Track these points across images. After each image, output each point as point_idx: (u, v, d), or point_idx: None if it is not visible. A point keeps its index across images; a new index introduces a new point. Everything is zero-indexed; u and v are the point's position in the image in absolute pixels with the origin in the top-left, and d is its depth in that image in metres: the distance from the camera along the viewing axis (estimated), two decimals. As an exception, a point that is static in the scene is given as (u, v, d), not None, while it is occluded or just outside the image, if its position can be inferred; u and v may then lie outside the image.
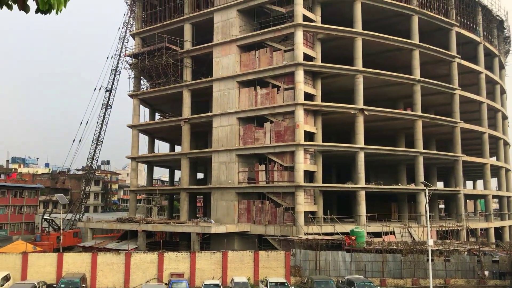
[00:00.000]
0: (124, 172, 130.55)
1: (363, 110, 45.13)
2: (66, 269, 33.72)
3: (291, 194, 42.76)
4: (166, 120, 55.51)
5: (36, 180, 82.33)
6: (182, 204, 52.41)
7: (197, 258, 35.36)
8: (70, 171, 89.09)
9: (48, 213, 62.29)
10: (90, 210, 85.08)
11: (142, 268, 34.54)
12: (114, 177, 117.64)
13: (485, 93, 56.97)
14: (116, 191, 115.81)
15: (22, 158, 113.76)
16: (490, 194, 58.70)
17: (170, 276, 33.89)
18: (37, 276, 32.79)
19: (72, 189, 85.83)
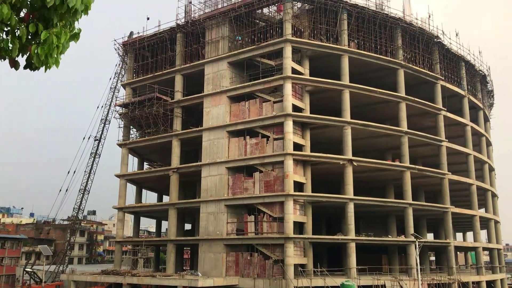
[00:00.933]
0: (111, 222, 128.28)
1: (351, 161, 45.36)
2: (45, 324, 32.22)
3: (281, 246, 42.01)
4: (155, 170, 55.18)
5: (19, 230, 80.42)
6: (169, 256, 51.15)
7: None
8: (55, 221, 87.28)
9: (30, 265, 60.35)
10: (74, 262, 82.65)
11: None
12: (100, 227, 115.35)
13: (471, 145, 57.84)
14: (101, 242, 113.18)
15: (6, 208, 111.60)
16: (480, 247, 58.27)
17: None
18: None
19: (56, 240, 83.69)
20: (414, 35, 52.66)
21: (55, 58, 5.33)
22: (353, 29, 48.71)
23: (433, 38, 54.28)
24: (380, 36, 49.82)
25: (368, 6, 49.05)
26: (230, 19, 48.82)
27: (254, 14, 49.24)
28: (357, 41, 49.64)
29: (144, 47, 56.09)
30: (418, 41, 52.95)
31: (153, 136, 53.18)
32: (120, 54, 59.80)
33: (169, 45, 54.02)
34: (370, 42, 49.60)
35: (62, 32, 5.24)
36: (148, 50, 56.34)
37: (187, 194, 55.92)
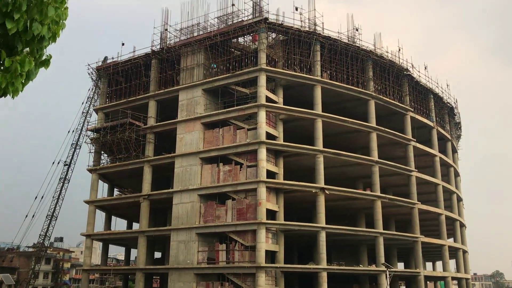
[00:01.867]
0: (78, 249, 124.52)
1: (324, 189, 45.62)
2: None
3: (252, 275, 41.46)
4: (125, 196, 54.18)
5: (-20, 258, 77.06)
6: (137, 285, 49.78)
7: None
8: (19, 248, 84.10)
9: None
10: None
11: None
12: (67, 255, 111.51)
13: (440, 175, 59.05)
14: (68, 270, 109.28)
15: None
16: (449, 276, 58.87)
17: None
18: None
19: (20, 268, 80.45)
20: (385, 68, 54.15)
21: (15, 87, 5.20)
22: (326, 60, 49.76)
23: (403, 70, 55.90)
24: (352, 68, 51.01)
25: (340, 39, 50.33)
26: (205, 47, 49.25)
27: (229, 43, 49.84)
28: (330, 71, 50.67)
29: (118, 72, 55.85)
30: (388, 73, 54.42)
31: (124, 162, 52.42)
32: (94, 78, 59.32)
33: (143, 71, 53.97)
34: (342, 73, 50.70)
35: (26, 60, 5.15)
36: (122, 75, 56.11)
37: (157, 222, 54.94)
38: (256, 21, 46.77)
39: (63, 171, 60.53)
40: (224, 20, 50.33)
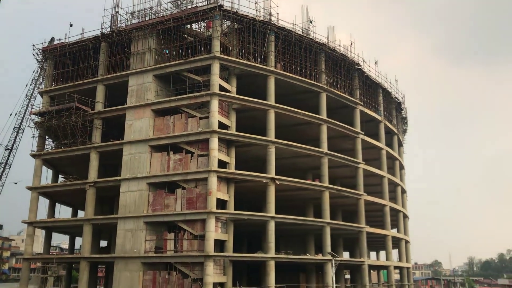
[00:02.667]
0: (19, 238, 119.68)
1: (274, 179, 46.01)
2: None
3: (200, 264, 41.33)
4: (70, 183, 52.30)
5: None
6: (82, 274, 48.38)
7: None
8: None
9: None
10: (-27, 281, 75.70)
11: None
12: (6, 243, 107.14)
13: (386, 168, 61.04)
14: (7, 259, 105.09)
15: None
16: (392, 265, 61.19)
17: None
18: None
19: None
20: (337, 61, 55.05)
21: None
22: (280, 51, 49.93)
23: (354, 65, 57.06)
24: (305, 60, 51.48)
25: (295, 30, 50.63)
26: (157, 31, 48.11)
27: (182, 29, 48.93)
28: (284, 63, 50.90)
29: (65, 54, 53.58)
30: (340, 67, 55.40)
31: (70, 148, 50.57)
32: (39, 60, 56.61)
33: (92, 54, 52.06)
34: (295, 64, 51.08)
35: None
36: (69, 58, 53.88)
37: (104, 210, 53.54)
38: (211, 7, 46.15)
39: (4, 156, 57.73)
40: (178, 5, 49.38)
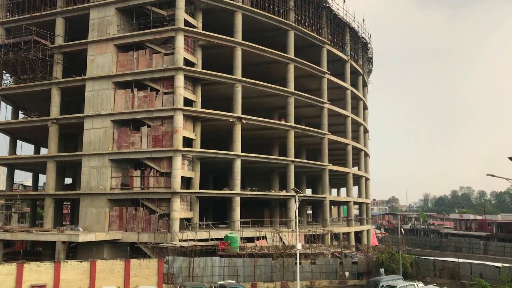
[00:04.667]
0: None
1: (241, 118, 46.24)
2: None
3: (167, 201, 42.05)
4: (31, 120, 50.98)
5: None
6: (47, 211, 48.42)
7: (62, 268, 32.86)
8: None
9: None
10: None
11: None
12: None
13: (350, 108, 62.20)
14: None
15: None
16: (351, 201, 63.97)
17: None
18: None
19: None
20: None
21: None
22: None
23: (322, 2, 56.25)
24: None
25: (263, -36, 48.97)
26: (119, -39, 45.54)
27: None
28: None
29: (19, -18, 50.30)
30: (308, 4, 54.54)
31: (30, 83, 48.80)
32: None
33: (49, -17, 49.08)
34: (263, 1, 49.90)
35: None
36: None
37: (68, 147, 52.84)
38: None
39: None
40: None
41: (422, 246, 75.62)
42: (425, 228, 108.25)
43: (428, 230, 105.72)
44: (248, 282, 36.08)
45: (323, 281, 38.57)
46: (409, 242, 75.58)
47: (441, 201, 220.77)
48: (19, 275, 31.71)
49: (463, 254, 61.11)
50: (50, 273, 32.58)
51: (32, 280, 31.97)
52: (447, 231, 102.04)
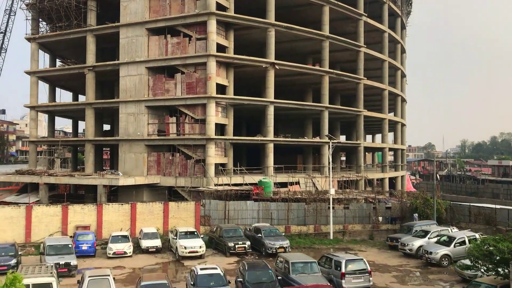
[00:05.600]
0: (23, 122, 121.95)
1: (274, 64, 45.69)
2: (-43, 225, 31.32)
3: (202, 147, 42.86)
4: (68, 67, 52.02)
5: None
6: (87, 156, 50.35)
7: (104, 210, 34.59)
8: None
9: None
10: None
11: (45, 221, 33.11)
12: (11, 127, 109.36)
13: (387, 52, 60.25)
14: (13, 142, 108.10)
15: None
16: (386, 147, 63.39)
17: (76, 229, 32.93)
18: None
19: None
20: None
21: None
22: None
23: None
24: None
25: None
26: None
27: None
28: None
29: None
30: None
31: (65, 31, 49.37)
32: None
33: None
34: None
35: None
36: None
37: (104, 94, 53.96)
38: None
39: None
40: None
41: (458, 192, 74.95)
42: (461, 174, 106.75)
43: (464, 177, 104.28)
44: (282, 225, 37.01)
45: (356, 225, 39.18)
46: (444, 188, 75.01)
47: (479, 147, 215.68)
48: (64, 216, 33.60)
49: (500, 200, 60.35)
50: (93, 215, 34.36)
51: (76, 221, 33.85)
52: (484, 178, 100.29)
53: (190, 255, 29.29)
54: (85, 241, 29.86)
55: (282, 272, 22.52)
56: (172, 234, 32.05)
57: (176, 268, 28.07)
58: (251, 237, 32.32)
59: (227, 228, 32.31)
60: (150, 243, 31.11)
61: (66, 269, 24.55)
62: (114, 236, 30.69)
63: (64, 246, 26.50)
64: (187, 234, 30.80)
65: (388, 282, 24.78)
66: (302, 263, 22.34)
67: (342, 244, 35.52)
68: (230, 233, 31.66)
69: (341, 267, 22.24)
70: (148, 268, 27.57)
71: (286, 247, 30.18)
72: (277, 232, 32.24)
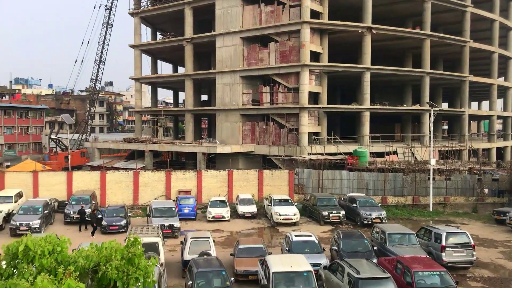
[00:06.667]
0: (128, 93, 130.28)
1: (371, 28, 43.84)
2: (76, 187, 34.77)
3: (295, 116, 42.86)
4: (168, 40, 54.32)
5: (40, 101, 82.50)
6: (187, 125, 52.81)
7: (203, 177, 36.28)
8: (74, 92, 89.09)
9: (54, 133, 63.20)
10: (96, 131, 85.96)
11: (151, 186, 35.59)
12: (118, 98, 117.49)
13: (498, 10, 54.85)
14: (121, 112, 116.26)
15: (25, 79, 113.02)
16: (495, 115, 58.64)
17: (178, 193, 34.99)
18: (48, 193, 33.90)
19: (77, 110, 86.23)
20: None
21: None
22: None
23: None
24: None
25: None
26: None
27: None
28: None
29: None
30: None
31: (164, 5, 51.42)
32: None
33: None
34: None
35: None
36: None
37: (202, 65, 55.75)
38: None
39: (105, 16, 60.42)
40: None
41: None
42: None
43: None
44: (378, 195, 36.16)
45: (458, 197, 37.06)
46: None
47: None
48: (168, 181, 35.80)
49: None
50: (193, 181, 36.20)
51: (178, 186, 35.92)
52: None
53: (284, 221, 29.84)
54: (186, 205, 31.66)
55: (378, 243, 22.15)
56: (266, 201, 32.81)
57: (271, 233, 28.80)
58: (345, 206, 32.06)
59: (321, 197, 32.32)
60: (246, 208, 32.15)
61: (170, 231, 26.25)
62: (213, 201, 32.15)
63: (168, 209, 28.29)
64: (281, 201, 31.34)
65: (493, 258, 23.32)
66: (399, 234, 21.79)
67: (443, 216, 33.91)
68: (324, 202, 31.64)
69: (442, 240, 21.26)
70: (244, 232, 28.59)
71: (382, 217, 29.55)
72: (372, 203, 31.61)
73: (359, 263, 16.94)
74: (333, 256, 21.17)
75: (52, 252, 6.39)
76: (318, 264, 19.06)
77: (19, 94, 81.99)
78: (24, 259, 6.28)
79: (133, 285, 6.52)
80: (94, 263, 6.63)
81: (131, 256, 6.50)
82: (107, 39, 61.01)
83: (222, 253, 22.03)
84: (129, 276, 6.41)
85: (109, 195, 35.10)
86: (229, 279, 16.60)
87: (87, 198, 31.01)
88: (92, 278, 6.60)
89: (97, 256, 6.69)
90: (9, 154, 65.90)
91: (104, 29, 60.73)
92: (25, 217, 26.74)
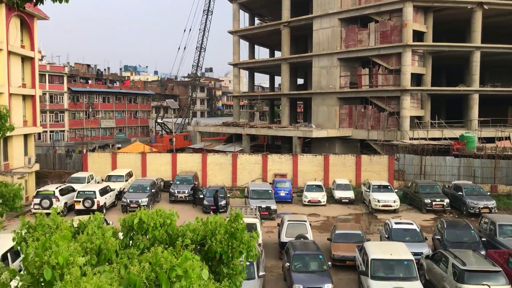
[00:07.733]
0: (226, 79, 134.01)
1: (481, 3, 40.43)
2: (179, 168, 36.78)
3: (396, 99, 41.12)
4: (266, 25, 54.72)
5: (147, 87, 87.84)
6: (283, 109, 53.09)
7: (299, 161, 36.36)
8: (177, 78, 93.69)
9: (160, 117, 67.12)
10: (197, 115, 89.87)
11: (248, 168, 36.48)
12: (217, 83, 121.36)
13: None
14: (220, 97, 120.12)
15: (133, 66, 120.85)
16: None
17: (274, 176, 35.48)
18: (155, 173, 36.26)
19: (180, 96, 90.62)
20: None
21: None
22: None
23: None
24: None
25: None
26: None
27: None
28: None
29: None
30: None
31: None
32: None
33: None
34: None
35: None
36: None
37: (298, 49, 55.46)
38: None
39: (205, 3, 62.33)
40: None
41: None
42: None
43: None
44: (487, 184, 33.66)
45: None
46: None
47: None
48: (264, 164, 36.45)
49: None
50: (289, 164, 36.45)
51: (274, 170, 36.41)
52: None
53: (383, 208, 28.99)
54: (282, 188, 32.02)
55: (486, 234, 20.68)
56: (364, 186, 32.05)
57: (369, 220, 28.16)
58: (449, 194, 30.29)
59: (423, 184, 30.86)
60: (343, 194, 31.72)
61: (267, 212, 26.78)
62: (309, 185, 32.12)
63: (265, 192, 28.86)
64: (380, 187, 30.44)
65: None
66: (511, 226, 20.14)
67: None
68: (427, 189, 30.16)
69: (563, 235, 19.31)
70: (341, 217, 28.28)
71: (492, 207, 27.48)
72: (480, 191, 29.50)
73: (465, 254, 15.99)
74: (436, 246, 20.18)
75: (162, 224, 6.83)
76: (419, 253, 18.30)
77: (128, 80, 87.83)
78: (139, 230, 6.78)
79: (237, 258, 6.77)
80: (201, 237, 6.97)
81: (234, 230, 6.74)
82: (208, 26, 63.04)
83: (319, 237, 22.01)
84: (233, 249, 6.66)
85: (210, 176, 36.62)
86: (326, 263, 16.56)
87: (190, 179, 32.65)
88: (200, 250, 6.94)
89: (203, 230, 7.03)
90: (120, 137, 71.32)
91: (205, 16, 62.76)
92: (135, 195, 28.87)
